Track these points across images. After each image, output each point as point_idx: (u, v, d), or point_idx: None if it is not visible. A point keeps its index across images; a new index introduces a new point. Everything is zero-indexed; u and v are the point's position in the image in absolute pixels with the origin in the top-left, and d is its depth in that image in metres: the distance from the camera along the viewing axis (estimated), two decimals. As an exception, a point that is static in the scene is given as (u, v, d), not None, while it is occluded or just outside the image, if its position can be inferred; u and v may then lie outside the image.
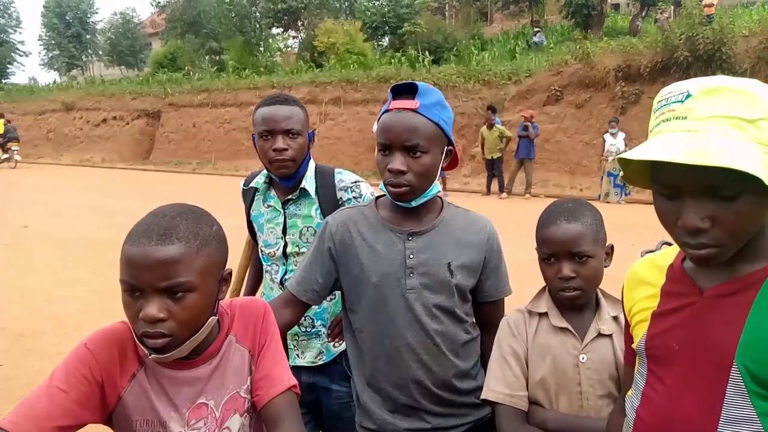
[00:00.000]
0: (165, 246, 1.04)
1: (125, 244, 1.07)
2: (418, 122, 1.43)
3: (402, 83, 1.49)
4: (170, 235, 1.06)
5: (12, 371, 4.15)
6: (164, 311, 1.05)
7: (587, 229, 1.41)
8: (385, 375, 1.54)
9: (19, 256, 7.81)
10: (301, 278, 1.60)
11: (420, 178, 1.46)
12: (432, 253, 1.51)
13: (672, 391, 0.98)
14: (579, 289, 1.41)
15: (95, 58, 44.02)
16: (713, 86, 0.87)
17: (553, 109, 15.28)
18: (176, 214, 1.10)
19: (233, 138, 21.76)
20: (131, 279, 1.05)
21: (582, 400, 1.39)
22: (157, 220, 1.08)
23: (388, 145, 1.45)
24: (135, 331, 1.08)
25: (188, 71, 27.89)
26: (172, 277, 1.05)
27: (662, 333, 1.01)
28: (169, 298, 1.06)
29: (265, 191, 2.06)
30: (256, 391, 1.24)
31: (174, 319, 1.06)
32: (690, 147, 0.84)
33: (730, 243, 0.89)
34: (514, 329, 1.49)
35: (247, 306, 1.31)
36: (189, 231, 1.08)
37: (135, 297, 1.06)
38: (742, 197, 0.85)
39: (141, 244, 1.04)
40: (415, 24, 24.16)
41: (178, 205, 1.14)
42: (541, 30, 23.48)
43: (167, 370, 1.17)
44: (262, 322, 1.29)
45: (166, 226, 1.07)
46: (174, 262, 1.04)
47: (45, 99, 29.57)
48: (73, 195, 14.31)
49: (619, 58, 14.60)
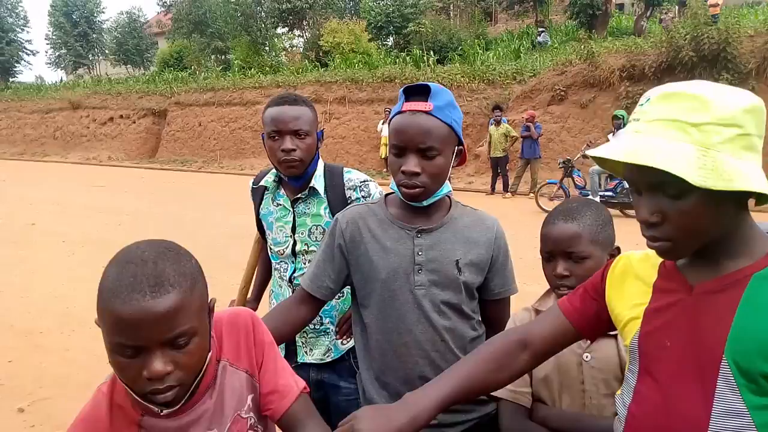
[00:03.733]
0: (162, 297, 0.96)
1: (109, 303, 0.95)
2: (432, 124, 1.45)
3: (415, 84, 1.50)
4: (163, 283, 0.97)
5: (20, 368, 4.21)
6: (170, 363, 0.98)
7: (584, 229, 1.42)
8: (392, 370, 1.56)
9: (27, 254, 7.88)
10: (314, 275, 1.62)
11: (433, 179, 1.48)
12: (441, 250, 1.53)
13: (664, 387, 1.00)
14: (573, 288, 1.40)
15: (102, 57, 44.12)
16: (670, 92, 0.93)
17: (558, 109, 15.27)
18: (156, 258, 1.00)
19: (239, 137, 21.81)
20: (128, 340, 0.96)
21: (585, 398, 1.40)
22: (140, 269, 0.97)
23: (402, 147, 1.46)
24: (138, 390, 1.01)
25: (194, 70, 27.95)
26: (175, 328, 0.98)
27: (654, 330, 1.02)
28: (172, 349, 0.99)
29: (275, 190, 2.09)
30: (267, 406, 1.21)
31: (180, 368, 1.00)
32: (627, 146, 0.92)
33: (681, 239, 0.94)
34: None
35: (232, 322, 1.22)
36: (178, 274, 1.00)
37: (132, 356, 0.97)
38: (688, 196, 0.90)
39: (134, 301, 0.94)
40: (419, 24, 24.14)
41: (151, 246, 1.03)
42: (545, 30, 23.46)
43: (167, 421, 1.10)
44: (253, 336, 1.22)
45: (155, 275, 0.97)
46: (175, 313, 0.97)
47: (52, 97, 29.69)
48: (80, 193, 14.38)
49: (623, 58, 14.57)
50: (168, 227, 9.32)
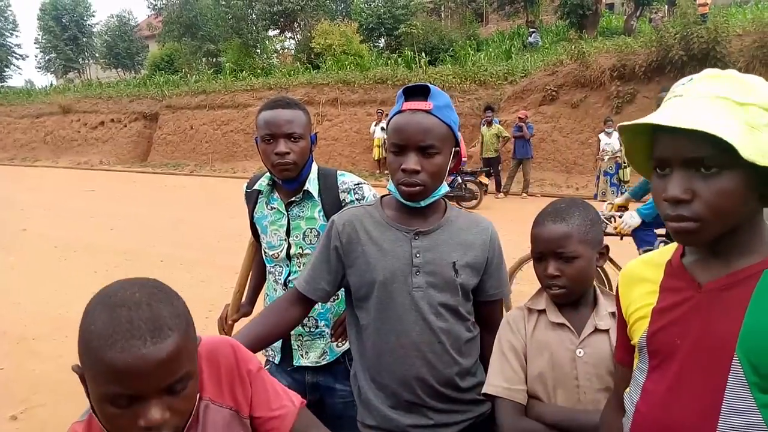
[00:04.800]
0: (163, 343, 0.90)
1: (103, 352, 0.88)
2: (432, 123, 1.47)
3: (414, 85, 1.52)
4: (162, 327, 0.91)
5: (14, 374, 4.19)
6: (167, 410, 0.93)
7: (574, 229, 1.44)
8: (389, 371, 1.57)
9: (19, 259, 7.84)
10: (309, 277, 1.63)
11: (433, 177, 1.49)
12: (438, 252, 1.55)
13: (673, 385, 1.00)
14: (564, 287, 1.45)
15: (92, 60, 43.95)
16: (717, 73, 0.95)
17: (549, 109, 15.33)
18: (149, 300, 0.93)
19: (231, 139, 21.76)
20: (125, 389, 0.89)
21: (579, 393, 1.42)
22: (135, 313, 0.90)
23: (402, 146, 1.48)
24: None
25: (185, 73, 27.85)
26: (175, 373, 0.92)
27: (663, 328, 1.03)
28: (168, 395, 0.93)
29: (269, 193, 2.09)
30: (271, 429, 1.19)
31: (176, 414, 0.95)
32: (673, 114, 0.91)
33: (710, 219, 0.92)
34: (513, 326, 1.52)
35: (212, 358, 1.14)
36: (174, 316, 0.94)
37: (126, 406, 0.91)
38: (724, 174, 0.89)
39: (133, 348, 0.87)
40: (410, 25, 24.19)
41: (139, 287, 0.96)
42: (536, 30, 23.54)
43: None
44: (236, 370, 1.15)
45: (152, 319, 0.91)
46: (176, 357, 0.91)
47: (42, 102, 29.51)
48: (71, 198, 14.31)
49: (614, 58, 14.66)
50: (161, 231, 9.29)
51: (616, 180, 12.72)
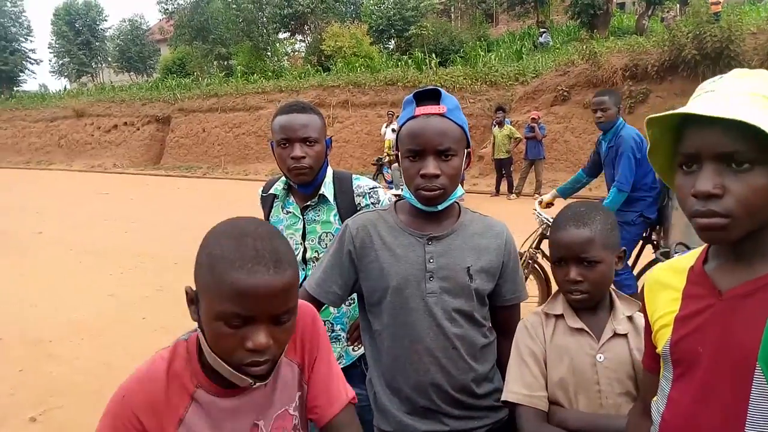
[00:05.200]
0: (283, 273, 0.99)
1: (230, 273, 0.97)
2: (447, 126, 1.47)
3: (425, 89, 1.52)
4: (281, 260, 1.00)
5: (31, 377, 4.23)
6: (271, 338, 1.01)
7: (596, 234, 1.43)
8: (404, 377, 1.56)
9: (35, 263, 7.92)
10: (321, 280, 1.62)
11: (451, 180, 1.49)
12: (452, 257, 1.54)
13: (698, 394, 0.98)
14: (586, 292, 1.44)
15: (105, 64, 44.31)
16: (746, 72, 0.95)
17: (561, 109, 15.26)
18: (270, 235, 1.03)
19: (242, 142, 21.86)
20: (244, 310, 0.97)
21: (601, 398, 1.41)
22: (260, 243, 1.00)
23: (419, 151, 1.46)
24: (233, 360, 1.02)
25: (197, 77, 28.04)
26: (286, 304, 1.01)
27: (686, 337, 1.02)
28: (274, 324, 1.01)
29: (284, 198, 2.11)
30: (314, 409, 1.20)
31: (277, 343, 1.03)
32: (709, 105, 0.90)
33: (741, 216, 0.90)
34: (531, 331, 1.52)
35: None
36: (288, 252, 1.04)
37: (237, 326, 0.99)
38: (756, 169, 0.88)
39: (258, 273, 0.96)
40: (420, 26, 24.20)
41: (258, 222, 1.07)
42: (547, 30, 23.46)
43: (221, 401, 1.11)
44: (311, 331, 1.22)
45: (274, 251, 1.00)
46: (289, 289, 1.01)
47: (56, 106, 29.80)
48: (86, 201, 14.44)
49: (626, 58, 14.57)
50: (175, 233, 9.35)
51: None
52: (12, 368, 4.37)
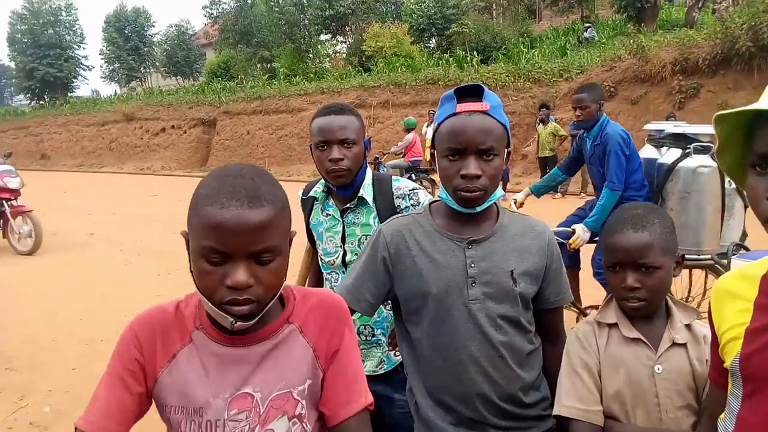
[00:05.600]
0: (258, 209, 0.99)
1: (206, 207, 0.99)
2: (491, 124, 1.41)
3: (467, 85, 1.45)
4: (260, 197, 1.01)
5: (83, 375, 4.34)
6: (252, 277, 1.00)
7: (656, 238, 1.35)
8: (447, 388, 1.50)
9: (87, 263, 8.18)
10: (353, 287, 1.56)
11: (492, 181, 1.42)
12: (494, 261, 1.47)
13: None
14: (643, 299, 1.36)
15: (153, 69, 45.54)
16: None
17: (607, 106, 14.78)
18: (254, 175, 1.04)
19: (285, 144, 22.15)
20: (219, 245, 0.99)
21: (661, 412, 1.33)
22: (239, 181, 1.02)
23: (460, 150, 1.40)
24: (215, 299, 1.02)
25: (241, 80, 28.54)
26: (264, 241, 1.00)
27: (758, 351, 0.94)
28: (255, 263, 1.01)
29: (324, 200, 2.09)
30: (327, 404, 1.15)
31: (260, 283, 1.02)
32: None
33: None
34: (583, 341, 1.45)
35: (326, 302, 1.21)
36: (272, 193, 1.04)
37: (218, 263, 1.00)
38: None
39: (231, 208, 0.98)
40: (462, 24, 23.96)
41: (248, 166, 1.09)
42: (592, 25, 22.92)
43: (216, 346, 1.11)
44: (335, 321, 1.19)
45: (253, 188, 1.01)
46: (267, 226, 1.00)
47: (107, 110, 30.85)
48: (135, 203, 14.85)
49: (675, 52, 14.10)
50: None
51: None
52: (66, 366, 4.51)
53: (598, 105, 4.09)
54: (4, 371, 4.45)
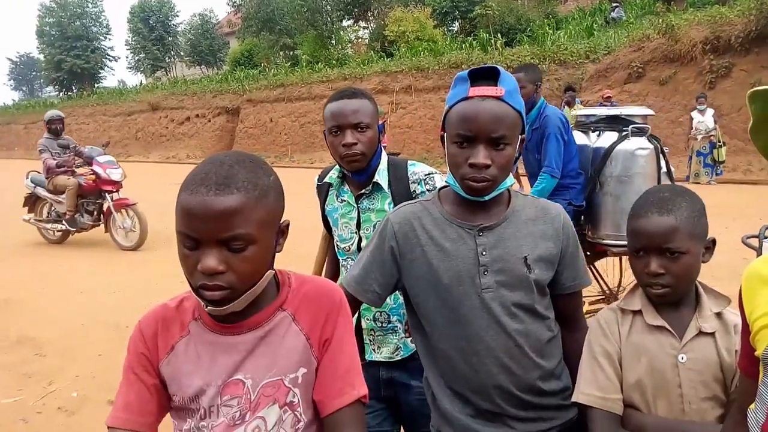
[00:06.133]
0: (224, 196, 0.99)
1: (181, 193, 1.01)
2: (504, 111, 1.33)
3: (481, 68, 1.38)
4: (229, 184, 1.00)
5: (110, 361, 4.42)
6: (223, 263, 1.00)
7: (682, 222, 1.28)
8: (463, 379, 1.46)
9: (111, 251, 8.32)
10: (360, 278, 1.51)
11: (502, 170, 1.36)
12: (506, 247, 1.41)
13: None
14: (668, 286, 1.30)
15: (177, 59, 46.04)
16: None
17: (635, 87, 14.57)
18: (234, 163, 1.04)
19: (308, 131, 22.20)
20: (189, 230, 1.00)
21: (683, 403, 1.28)
22: (215, 168, 1.02)
23: (470, 137, 1.33)
24: (192, 283, 1.04)
25: (264, 67, 28.66)
26: (231, 228, 0.99)
27: None
28: (228, 250, 1.01)
29: (339, 186, 2.06)
30: (319, 394, 1.13)
31: (233, 271, 1.01)
32: None
33: None
34: (605, 328, 1.40)
35: (320, 290, 1.19)
36: (248, 181, 1.02)
37: (192, 248, 1.02)
38: None
39: (199, 194, 0.99)
40: (485, 6, 23.61)
41: (235, 153, 1.09)
42: (619, 4, 22.37)
43: (210, 334, 1.12)
44: (328, 310, 1.16)
45: (225, 175, 1.01)
46: (234, 213, 0.99)
47: (133, 100, 31.27)
48: (162, 191, 15.01)
49: (706, 30, 13.71)
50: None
51: (710, 160, 11.95)
52: (93, 352, 4.59)
53: (535, 86, 3.92)
54: (34, 357, 4.55)
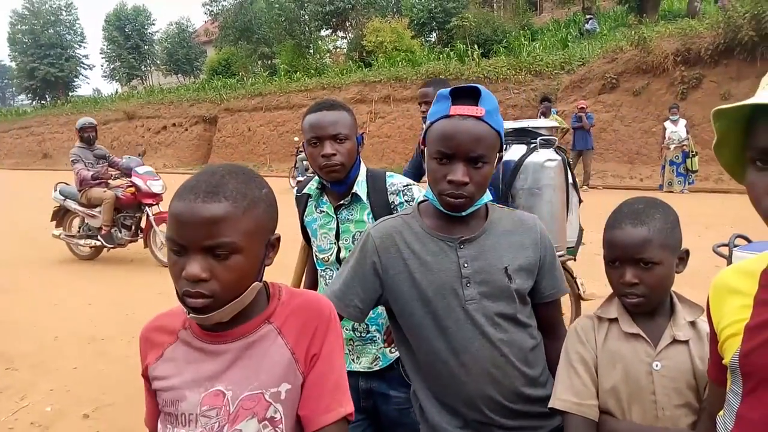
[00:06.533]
0: (211, 204, 1.00)
1: (173, 200, 1.04)
2: (484, 131, 1.37)
3: (463, 87, 1.41)
4: (217, 193, 1.02)
5: (85, 374, 4.35)
6: (207, 271, 1.01)
7: (655, 234, 1.32)
8: (451, 391, 1.47)
9: (89, 262, 8.19)
10: (341, 293, 1.51)
11: (479, 188, 1.40)
12: (487, 259, 1.45)
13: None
14: (642, 296, 1.34)
15: (153, 67, 45.54)
16: None
17: (609, 98, 14.83)
18: (226, 173, 1.06)
19: (287, 140, 22.10)
20: (176, 236, 1.02)
21: (657, 410, 1.31)
22: (206, 177, 1.05)
23: (449, 155, 1.36)
24: (177, 289, 1.05)
25: (242, 77, 28.51)
26: (216, 236, 1.01)
27: (758, 348, 0.92)
28: (212, 258, 1.02)
29: (318, 197, 2.07)
30: (305, 410, 1.11)
31: (216, 279, 1.02)
32: None
33: None
34: (582, 335, 1.43)
35: (310, 304, 1.18)
36: (237, 191, 1.04)
37: (178, 254, 1.03)
38: None
39: (187, 200, 1.01)
40: (462, 18, 23.85)
41: (230, 165, 1.11)
42: (593, 17, 22.81)
43: (197, 341, 1.13)
44: (316, 324, 1.15)
45: (215, 184, 1.03)
46: (219, 221, 1.00)
47: (108, 109, 30.86)
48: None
49: (677, 42, 14.02)
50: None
51: (683, 170, 12.19)
52: (67, 365, 4.51)
53: None
54: (5, 371, 4.46)
